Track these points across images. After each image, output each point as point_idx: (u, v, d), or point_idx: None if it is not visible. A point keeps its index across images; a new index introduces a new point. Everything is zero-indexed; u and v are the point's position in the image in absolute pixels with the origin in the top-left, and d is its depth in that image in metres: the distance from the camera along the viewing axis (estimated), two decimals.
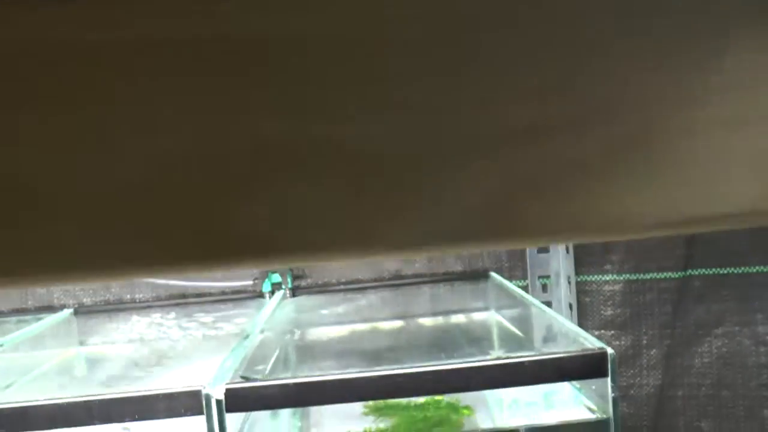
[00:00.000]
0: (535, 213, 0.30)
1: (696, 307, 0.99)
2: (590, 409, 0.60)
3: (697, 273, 0.99)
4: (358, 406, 0.67)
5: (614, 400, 0.56)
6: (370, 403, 0.68)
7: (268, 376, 0.66)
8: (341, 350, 0.93)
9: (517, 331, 0.89)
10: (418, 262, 1.06)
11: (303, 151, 0.27)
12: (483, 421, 0.63)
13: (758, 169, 0.29)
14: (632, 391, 1.03)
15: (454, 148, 0.28)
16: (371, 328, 1.01)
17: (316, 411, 0.70)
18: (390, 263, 1.06)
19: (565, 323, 0.68)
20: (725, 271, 0.98)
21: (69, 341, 1.04)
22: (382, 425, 0.63)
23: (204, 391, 0.55)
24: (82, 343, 1.06)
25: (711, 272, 0.98)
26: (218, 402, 0.55)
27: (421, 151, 0.28)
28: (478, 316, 1.03)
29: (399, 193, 0.28)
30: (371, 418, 0.66)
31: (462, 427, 0.61)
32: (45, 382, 0.91)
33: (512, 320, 0.93)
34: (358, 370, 0.55)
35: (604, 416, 0.57)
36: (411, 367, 0.55)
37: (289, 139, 0.27)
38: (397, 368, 0.55)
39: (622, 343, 1.03)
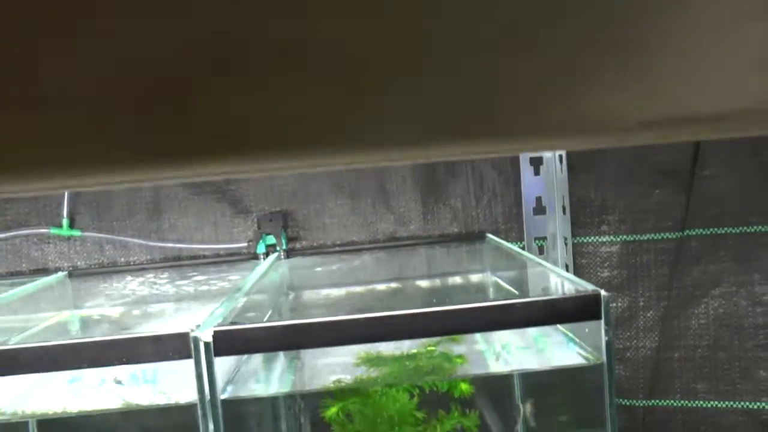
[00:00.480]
0: (527, 112, 0.29)
1: (693, 268, 0.99)
2: (584, 357, 0.59)
3: (694, 233, 0.98)
4: (350, 359, 0.67)
5: (608, 343, 0.56)
6: (362, 354, 0.67)
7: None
8: (335, 308, 0.93)
9: (513, 290, 0.89)
10: (413, 223, 1.05)
11: (286, 42, 0.26)
12: (476, 369, 0.62)
13: (762, 63, 0.28)
14: (629, 354, 1.03)
15: (447, 45, 0.27)
16: (366, 290, 1.01)
17: (309, 365, 0.70)
18: (385, 225, 1.06)
19: (562, 274, 0.68)
20: (723, 231, 0.97)
21: (63, 304, 1.03)
22: (374, 374, 0.63)
23: (192, 334, 0.55)
24: (77, 307, 1.05)
25: (708, 232, 0.98)
26: (206, 345, 0.55)
27: (411, 47, 0.27)
28: (474, 278, 1.02)
29: (387, 91, 0.27)
30: (363, 369, 0.65)
31: (455, 373, 0.61)
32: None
33: (509, 280, 0.92)
34: (348, 313, 0.54)
35: (598, 361, 0.57)
36: (402, 311, 0.55)
37: (271, 32, 0.26)
38: (388, 312, 0.55)
39: (619, 305, 1.02)
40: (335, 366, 0.66)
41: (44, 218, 1.05)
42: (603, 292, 0.55)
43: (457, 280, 1.03)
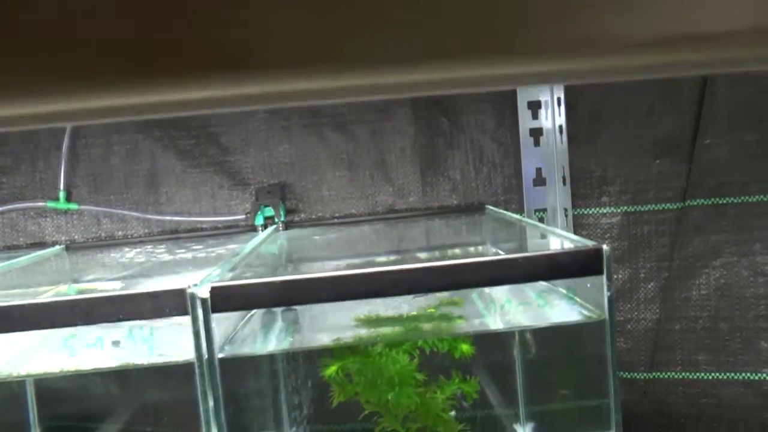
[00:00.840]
0: (522, 32, 0.28)
1: (694, 238, 0.98)
2: (585, 314, 0.59)
3: (695, 204, 0.98)
4: (350, 320, 0.66)
5: (610, 299, 0.55)
6: (362, 316, 0.67)
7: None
8: None
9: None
10: (412, 195, 1.05)
11: None
12: (476, 328, 0.62)
13: None
14: (629, 326, 1.02)
15: None
16: (365, 262, 1.00)
17: (308, 329, 0.69)
18: (384, 197, 1.05)
19: (564, 234, 0.67)
20: (724, 201, 0.96)
21: (61, 277, 1.03)
22: (374, 334, 0.62)
23: (189, 291, 0.54)
24: (75, 280, 1.05)
25: (709, 202, 0.97)
26: (203, 300, 0.54)
27: None
28: (474, 249, 1.01)
29: (380, 6, 0.27)
30: (363, 331, 0.65)
31: (455, 332, 0.60)
32: None
33: (509, 251, 0.92)
34: (346, 269, 0.54)
35: (600, 318, 0.56)
36: (401, 266, 0.54)
37: None
38: (387, 266, 0.54)
39: (619, 276, 1.02)
40: (334, 330, 0.66)
41: (41, 192, 1.05)
42: (605, 246, 0.55)
43: (457, 251, 1.02)
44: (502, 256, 0.54)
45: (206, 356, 0.55)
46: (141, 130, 1.04)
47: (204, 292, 0.54)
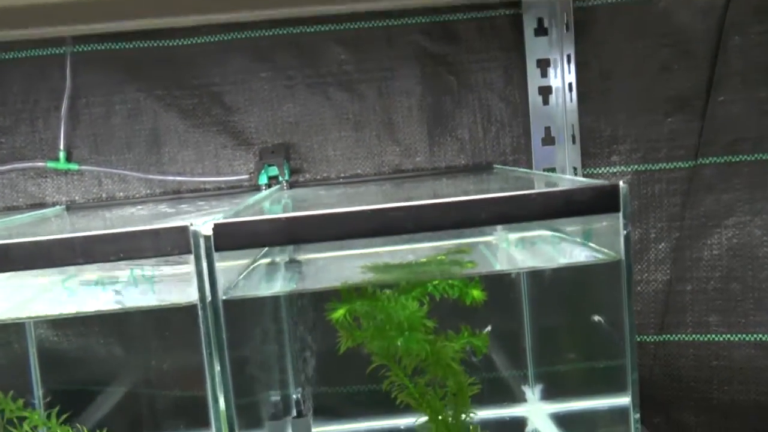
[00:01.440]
0: None
1: (706, 197, 0.96)
2: (599, 257, 0.57)
3: (707, 162, 0.96)
4: (356, 270, 0.64)
5: (626, 238, 0.53)
6: (368, 264, 0.65)
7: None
8: None
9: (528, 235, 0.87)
10: (419, 155, 1.03)
11: None
12: (487, 269, 0.60)
13: None
14: (639, 288, 1.01)
15: None
16: None
17: (313, 276, 0.68)
18: (390, 157, 1.03)
19: (577, 179, 0.65)
20: (737, 159, 0.94)
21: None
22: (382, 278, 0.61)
23: (192, 228, 0.52)
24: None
25: (722, 160, 0.95)
26: (206, 238, 0.52)
27: None
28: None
29: None
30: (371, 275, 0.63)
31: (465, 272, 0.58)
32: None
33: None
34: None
35: (616, 258, 0.55)
36: (410, 202, 0.52)
37: None
38: (396, 203, 0.52)
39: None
40: (340, 278, 0.64)
41: (40, 152, 1.03)
42: (622, 183, 0.53)
43: None
44: (516, 192, 0.52)
45: (210, 297, 0.53)
46: (142, 89, 1.02)
47: (207, 230, 0.52)
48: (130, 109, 1.02)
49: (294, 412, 0.88)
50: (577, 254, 0.59)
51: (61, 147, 1.01)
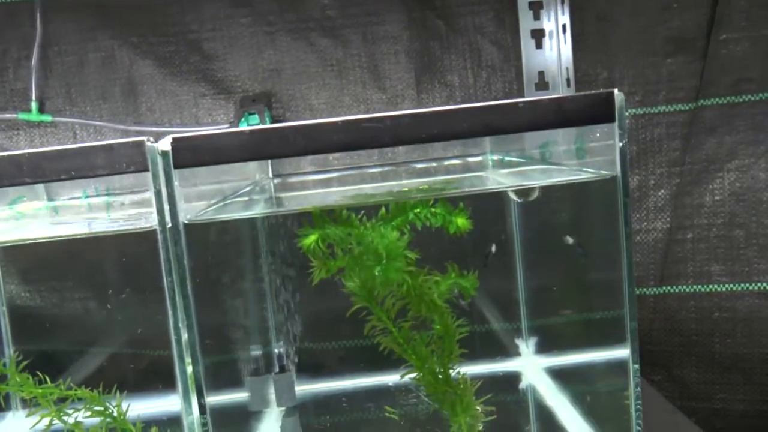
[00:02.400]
0: None
1: (707, 140, 0.92)
2: (594, 172, 0.53)
3: (709, 103, 0.91)
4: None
5: (622, 151, 0.49)
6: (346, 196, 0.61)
7: None
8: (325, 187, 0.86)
9: (519, 159, 0.82)
10: (407, 103, 0.98)
11: None
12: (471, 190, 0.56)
13: None
14: (638, 237, 0.96)
15: None
16: (358, 173, 0.94)
17: (287, 203, 0.63)
18: (377, 105, 0.98)
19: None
20: (740, 99, 0.90)
21: (34, 195, 0.97)
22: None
23: (149, 144, 0.48)
24: (51, 198, 0.99)
25: (724, 101, 0.90)
26: (164, 153, 0.48)
27: None
28: (473, 159, 0.95)
29: None
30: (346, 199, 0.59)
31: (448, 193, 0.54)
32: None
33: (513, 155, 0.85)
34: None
35: (611, 174, 0.50)
36: (391, 112, 0.48)
37: None
38: (371, 114, 0.48)
39: None
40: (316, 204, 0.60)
41: (11, 103, 0.98)
42: (617, 91, 0.48)
43: (455, 162, 0.96)
44: (504, 101, 0.48)
45: (169, 221, 0.49)
46: (117, 37, 0.97)
47: (165, 144, 0.48)
48: (105, 58, 0.98)
49: (276, 368, 0.84)
50: (569, 172, 0.55)
51: (33, 98, 0.97)
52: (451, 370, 0.68)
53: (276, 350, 0.84)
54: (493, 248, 0.64)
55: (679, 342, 0.96)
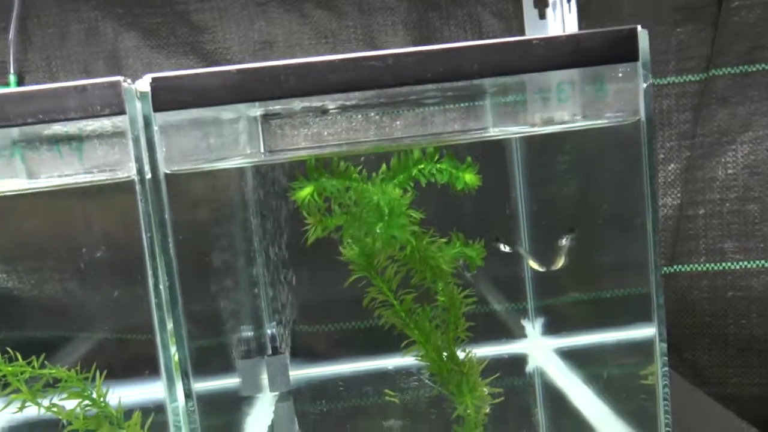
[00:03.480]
0: None
1: (720, 111, 0.88)
2: (616, 117, 0.48)
3: (721, 73, 0.87)
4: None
5: (646, 92, 0.45)
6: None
7: None
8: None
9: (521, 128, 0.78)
10: None
11: None
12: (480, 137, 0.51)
13: None
14: None
15: None
16: (353, 148, 0.90)
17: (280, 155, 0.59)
18: None
19: None
20: (753, 69, 0.86)
21: (14, 173, 0.92)
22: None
23: (125, 84, 0.44)
24: (31, 176, 0.94)
25: (737, 71, 0.86)
26: (143, 95, 0.43)
27: None
28: (476, 135, 0.91)
29: None
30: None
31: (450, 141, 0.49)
32: None
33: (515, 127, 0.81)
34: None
35: (634, 118, 0.46)
36: (391, 50, 0.44)
37: None
38: (371, 52, 0.44)
39: None
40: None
41: None
42: (640, 27, 0.44)
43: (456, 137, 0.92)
44: (516, 38, 0.44)
45: (149, 171, 0.45)
46: (100, 8, 0.93)
47: (144, 85, 0.43)
48: (87, 30, 0.93)
49: (269, 349, 0.79)
50: (590, 112, 0.50)
51: (12, 71, 0.92)
52: (456, 349, 0.64)
53: (269, 331, 0.79)
54: (504, 247, 0.60)
55: (691, 323, 0.91)
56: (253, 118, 0.77)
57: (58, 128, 0.46)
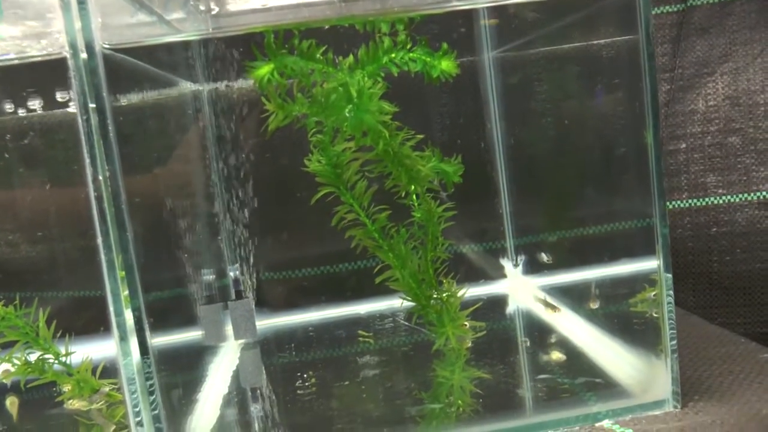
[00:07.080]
0: None
1: (698, 42, 0.85)
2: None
3: (699, 3, 0.84)
4: None
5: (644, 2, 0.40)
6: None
7: None
8: None
9: None
10: None
11: None
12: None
13: None
14: None
15: None
16: None
17: None
18: None
19: None
20: None
21: None
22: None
23: None
24: None
25: (715, 0, 0.83)
26: None
27: None
28: None
29: None
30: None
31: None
32: None
33: None
34: None
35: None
36: None
37: None
38: None
39: None
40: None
41: None
42: None
43: None
44: None
45: (83, 48, 0.39)
46: None
47: None
48: None
49: (232, 294, 0.74)
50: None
51: None
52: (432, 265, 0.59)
53: (231, 273, 0.74)
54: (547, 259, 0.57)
55: (674, 263, 0.88)
56: None
57: None
